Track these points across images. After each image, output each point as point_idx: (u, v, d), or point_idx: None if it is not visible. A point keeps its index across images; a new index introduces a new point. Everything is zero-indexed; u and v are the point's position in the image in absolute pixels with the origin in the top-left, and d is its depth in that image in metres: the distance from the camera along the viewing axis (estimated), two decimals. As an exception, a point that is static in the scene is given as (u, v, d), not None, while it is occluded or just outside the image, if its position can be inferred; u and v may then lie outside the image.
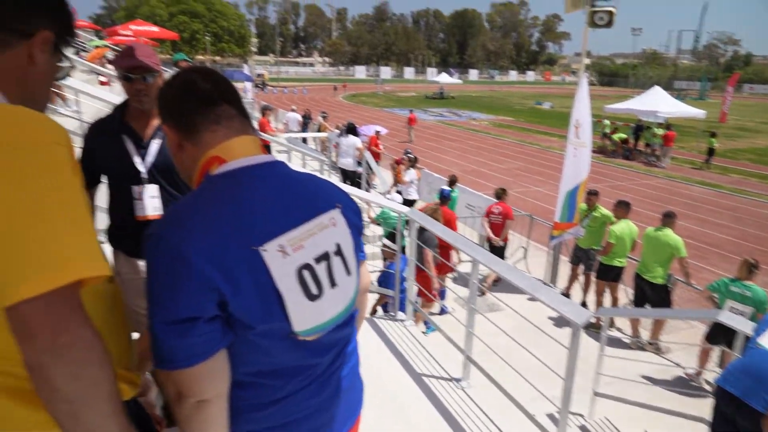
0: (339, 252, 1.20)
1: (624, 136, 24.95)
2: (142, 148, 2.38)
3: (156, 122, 2.44)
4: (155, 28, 25.99)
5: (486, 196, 11.88)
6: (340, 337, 1.25)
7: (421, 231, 5.20)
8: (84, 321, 0.85)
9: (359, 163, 12.50)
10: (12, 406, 0.89)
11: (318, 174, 1.33)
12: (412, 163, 12.37)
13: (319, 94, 56.66)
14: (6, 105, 0.92)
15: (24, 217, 0.80)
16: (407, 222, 5.17)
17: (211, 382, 1.02)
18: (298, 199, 1.16)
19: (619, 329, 7.92)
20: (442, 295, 7.15)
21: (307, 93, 54.90)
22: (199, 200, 1.07)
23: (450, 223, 7.56)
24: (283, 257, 1.07)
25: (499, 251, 9.02)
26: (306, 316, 1.11)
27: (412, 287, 5.13)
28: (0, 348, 0.86)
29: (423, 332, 5.26)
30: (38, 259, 0.79)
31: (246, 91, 23.42)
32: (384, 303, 6.54)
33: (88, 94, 5.67)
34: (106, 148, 2.36)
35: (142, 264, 2.50)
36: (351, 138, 12.59)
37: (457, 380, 4.04)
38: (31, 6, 1.00)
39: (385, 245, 6.71)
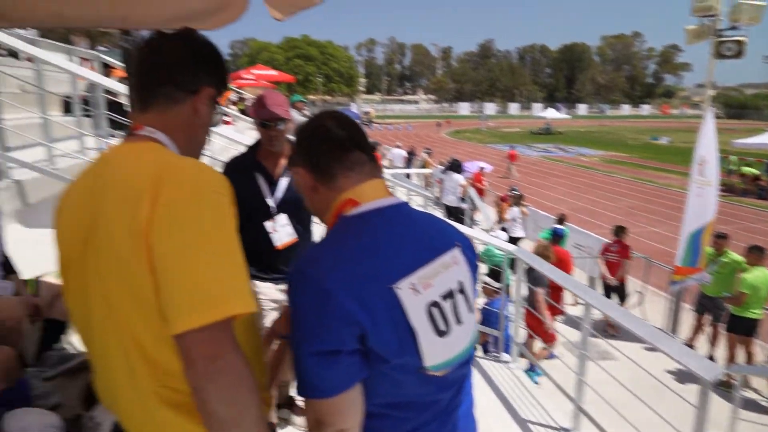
0: (462, 290, 1.24)
1: (756, 171, 22.61)
2: (273, 185, 2.62)
3: (284, 161, 2.69)
4: (274, 72, 28.15)
5: (596, 235, 11.28)
6: (461, 374, 1.27)
7: (532, 270, 5.06)
8: (235, 350, 0.95)
9: (462, 200, 12.46)
10: (173, 417, 1.02)
11: (422, 210, 1.39)
12: (518, 200, 12.10)
13: (423, 130, 57.60)
14: (179, 157, 1.07)
15: (195, 259, 0.93)
16: (513, 260, 5.06)
17: (349, 412, 1.08)
18: (425, 238, 1.22)
19: (755, 390, 7.03)
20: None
21: (412, 129, 56.03)
22: (338, 240, 1.15)
23: (565, 263, 7.27)
24: (414, 295, 1.11)
25: (617, 292, 8.52)
26: (436, 352, 1.15)
27: (518, 328, 4.97)
28: (166, 367, 1.00)
29: (529, 376, 5.05)
30: (202, 296, 0.91)
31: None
32: (484, 342, 6.37)
33: (216, 133, 6.27)
34: (241, 185, 2.61)
35: (262, 285, 2.73)
36: (454, 175, 12.64)
37: (567, 431, 3.81)
38: (199, 67, 1.17)
39: (486, 283, 6.58)
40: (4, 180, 4.30)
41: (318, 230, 2.92)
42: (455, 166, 12.95)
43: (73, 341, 3.22)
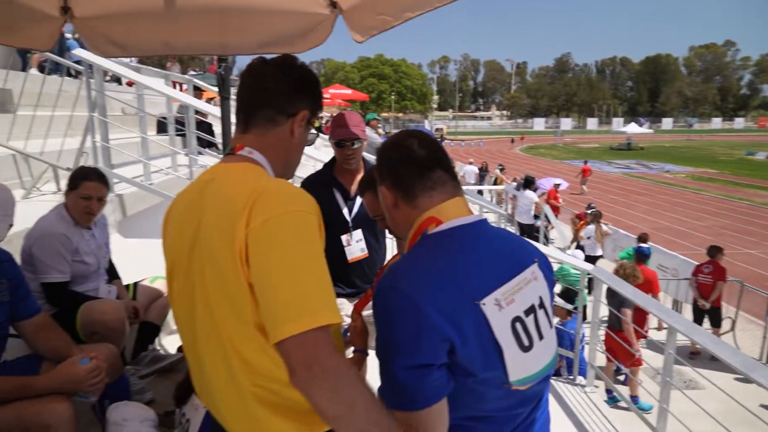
0: (542, 305, 1.26)
1: None
2: (350, 201, 2.72)
3: (359, 176, 2.79)
4: (348, 91, 28.96)
5: (682, 256, 10.62)
6: (540, 389, 1.28)
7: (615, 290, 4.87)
8: (331, 352, 0.99)
9: (536, 217, 12.16)
10: (268, 415, 1.11)
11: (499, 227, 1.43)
12: (596, 218, 11.63)
13: (496, 146, 56.84)
14: (273, 180, 1.16)
15: (288, 274, 1.00)
16: (590, 280, 4.89)
17: (437, 424, 1.12)
18: (505, 255, 1.25)
19: None
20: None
21: (483, 145, 55.48)
22: (424, 258, 1.17)
23: (653, 284, 6.92)
24: (499, 310, 1.14)
25: (710, 316, 8.00)
26: (520, 367, 1.17)
27: (594, 350, 4.78)
28: (259, 369, 1.09)
29: (605, 401, 4.83)
30: (296, 308, 0.98)
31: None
32: (558, 365, 6.16)
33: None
34: (319, 200, 2.75)
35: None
36: (527, 192, 12.37)
37: (648, 462, 3.61)
38: (298, 92, 1.26)
39: (556, 304, 6.37)
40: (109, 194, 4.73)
41: (390, 245, 3.00)
42: (528, 183, 12.67)
43: (164, 344, 3.48)
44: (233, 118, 1.54)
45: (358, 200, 2.74)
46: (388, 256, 2.94)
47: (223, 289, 1.08)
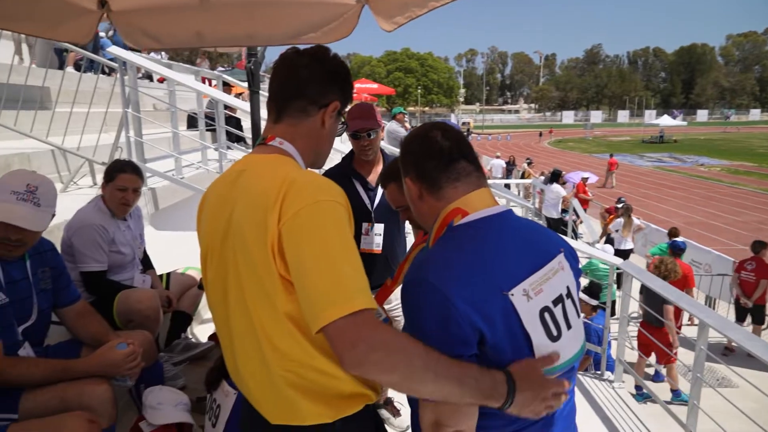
0: (569, 294, 1.26)
1: None
2: (371, 191, 2.74)
3: (380, 168, 2.79)
4: (375, 85, 28.94)
5: (716, 252, 10.36)
6: (568, 378, 1.28)
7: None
8: (374, 327, 1.01)
9: (564, 211, 11.99)
10: (298, 398, 1.15)
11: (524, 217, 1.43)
12: (627, 211, 11.40)
13: (523, 140, 56.14)
14: (303, 172, 1.19)
15: (325, 261, 1.03)
16: (619, 275, 4.81)
17: (468, 414, 1.14)
18: (532, 245, 1.24)
19: None
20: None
21: (510, 139, 54.81)
22: (451, 249, 1.18)
23: (687, 278, 6.78)
24: (527, 301, 1.15)
25: (753, 314, 7.80)
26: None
27: (623, 346, 4.71)
28: (289, 354, 1.13)
29: (634, 396, 4.76)
30: (333, 294, 1.01)
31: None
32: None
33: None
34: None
35: None
36: (555, 186, 12.20)
37: (677, 459, 3.56)
38: (330, 83, 1.28)
39: (581, 299, 6.28)
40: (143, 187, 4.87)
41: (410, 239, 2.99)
42: (555, 177, 12.50)
43: (196, 332, 3.58)
44: (263, 113, 1.56)
45: (380, 191, 2.75)
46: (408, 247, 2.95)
47: (256, 279, 1.11)
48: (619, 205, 11.78)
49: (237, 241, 1.15)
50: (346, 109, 1.37)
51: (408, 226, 2.99)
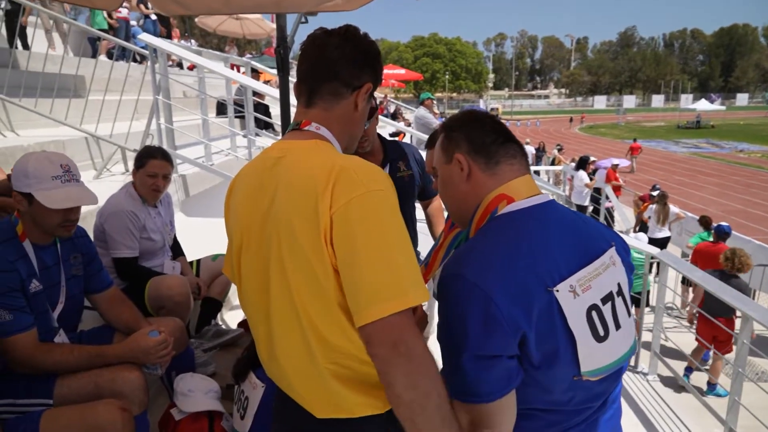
0: (620, 292, 1.19)
1: None
2: None
3: (381, 157, 2.61)
4: (402, 71, 28.71)
5: (757, 241, 10.00)
6: (612, 381, 1.21)
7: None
8: (417, 335, 0.99)
9: (596, 200, 11.73)
10: (345, 391, 1.11)
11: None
12: (663, 198, 11.07)
13: (553, 126, 55.06)
14: (347, 157, 1.13)
15: (377, 254, 0.99)
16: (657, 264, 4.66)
17: (505, 416, 1.08)
18: (581, 238, 1.17)
19: None
20: (705, 354, 6.12)
21: (540, 125, 53.85)
22: (494, 241, 1.12)
23: None
24: (573, 298, 1.07)
25: None
26: (593, 358, 1.12)
27: (658, 338, 4.58)
28: (336, 346, 1.09)
29: (705, 392, 4.64)
30: (386, 288, 0.98)
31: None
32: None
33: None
34: None
35: None
36: (581, 173, 11.93)
37: (715, 455, 3.45)
38: (363, 64, 1.22)
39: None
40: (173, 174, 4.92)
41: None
42: (582, 163, 12.20)
43: (226, 318, 3.61)
44: (293, 100, 1.51)
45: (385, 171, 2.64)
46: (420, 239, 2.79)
47: (306, 271, 1.07)
48: (654, 193, 11.44)
49: (281, 229, 1.10)
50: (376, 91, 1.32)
51: (420, 215, 2.87)
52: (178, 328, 2.23)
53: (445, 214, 2.02)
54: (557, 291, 1.07)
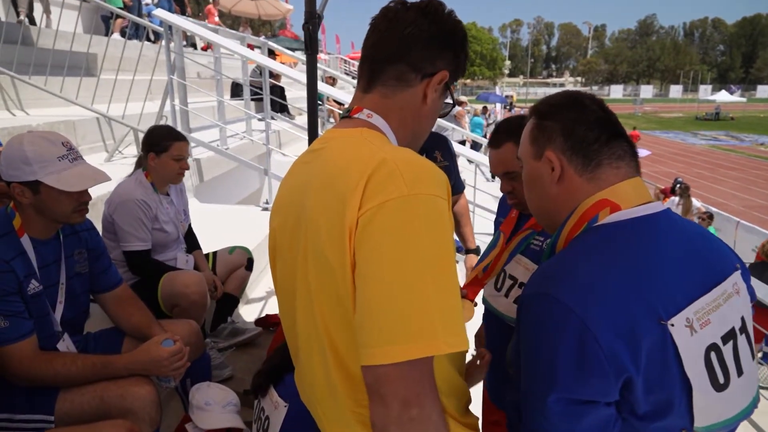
0: (744, 328, 0.95)
1: None
2: None
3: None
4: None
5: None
6: None
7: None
8: (434, 397, 0.80)
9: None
10: None
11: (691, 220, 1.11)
12: (685, 191, 10.73)
13: (569, 115, 54.08)
14: (396, 149, 0.90)
15: (402, 278, 0.77)
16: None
17: None
18: (701, 259, 0.94)
19: None
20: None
21: (556, 114, 52.89)
22: (597, 258, 0.90)
23: None
24: (690, 335, 0.86)
25: None
26: (710, 410, 0.89)
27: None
28: (362, 382, 0.85)
29: None
30: (406, 326, 0.76)
31: (494, 112, 23.72)
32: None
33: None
34: None
35: None
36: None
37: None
38: (441, 47, 0.98)
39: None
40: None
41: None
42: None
43: (242, 314, 3.42)
44: (320, 85, 1.28)
45: None
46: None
47: (326, 283, 0.86)
48: (677, 186, 11.12)
49: (310, 235, 0.89)
50: (456, 84, 1.05)
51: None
52: (194, 332, 2.03)
53: (472, 212, 1.82)
54: (672, 325, 0.84)
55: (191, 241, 2.84)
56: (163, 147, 2.51)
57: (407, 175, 0.81)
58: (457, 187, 2.64)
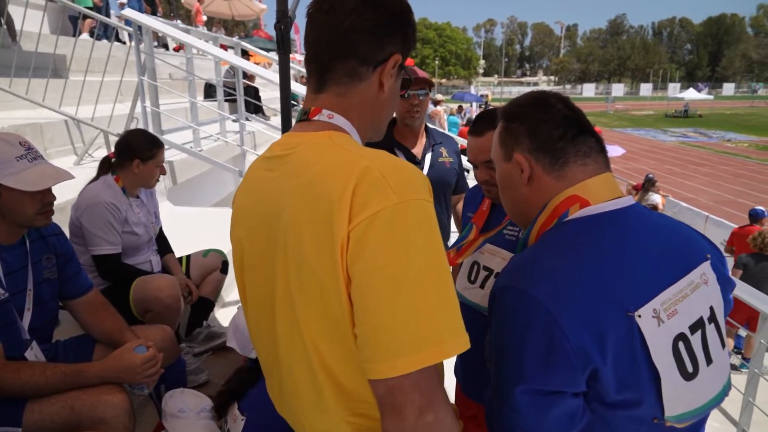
0: (713, 317, 0.98)
1: None
2: (416, 164, 2.45)
3: (424, 140, 2.51)
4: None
5: (752, 232, 9.92)
6: (697, 426, 1.00)
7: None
8: (446, 401, 0.79)
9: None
10: None
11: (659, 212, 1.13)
12: (648, 184, 10.91)
13: (543, 113, 54.81)
14: (375, 154, 0.86)
15: (405, 288, 0.75)
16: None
17: None
18: (669, 251, 0.96)
19: None
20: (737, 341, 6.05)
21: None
22: (566, 253, 0.91)
23: None
24: (657, 325, 0.88)
25: None
26: (679, 399, 0.91)
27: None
28: (358, 394, 0.86)
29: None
30: (415, 335, 0.75)
31: (469, 111, 23.89)
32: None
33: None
34: None
35: None
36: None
37: (729, 459, 3.31)
38: (388, 31, 0.93)
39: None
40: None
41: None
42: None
43: (218, 318, 3.37)
44: (294, 85, 1.27)
45: (427, 162, 2.47)
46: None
47: (317, 299, 0.83)
48: (648, 178, 11.35)
49: (291, 245, 0.85)
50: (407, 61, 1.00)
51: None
52: (168, 337, 1.99)
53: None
54: (639, 316, 0.86)
55: (163, 245, 2.79)
56: (150, 154, 2.49)
57: (393, 183, 0.79)
58: (462, 186, 2.69)
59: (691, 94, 52.58)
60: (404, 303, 0.75)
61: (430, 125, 2.68)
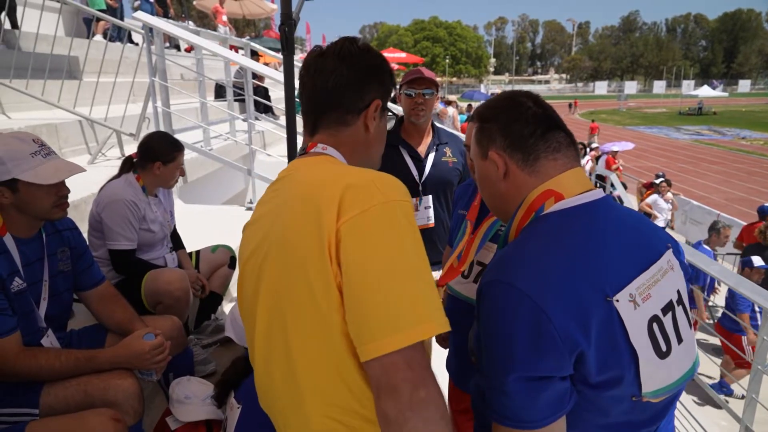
0: (680, 300, 1.05)
1: None
2: (420, 162, 2.53)
3: (429, 139, 2.59)
4: (403, 54, 28.40)
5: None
6: (671, 401, 1.07)
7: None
8: (435, 379, 0.85)
9: (600, 187, 11.58)
10: None
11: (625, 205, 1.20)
12: (661, 186, 10.87)
13: (554, 111, 54.48)
14: (360, 168, 1.00)
15: (391, 275, 0.85)
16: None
17: None
18: (638, 240, 1.03)
19: None
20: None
21: (541, 111, 53.25)
22: (546, 245, 0.98)
23: None
24: (634, 308, 0.94)
25: None
26: (656, 376, 0.98)
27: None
28: (332, 393, 0.93)
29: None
30: (401, 316, 0.83)
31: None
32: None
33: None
34: (387, 160, 2.59)
35: None
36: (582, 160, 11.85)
37: (732, 455, 3.33)
38: (366, 84, 1.09)
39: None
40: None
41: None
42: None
43: (226, 312, 3.47)
44: (297, 83, 1.37)
45: (429, 161, 2.54)
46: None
47: (304, 298, 0.91)
48: (657, 181, 11.29)
49: (273, 247, 0.97)
50: (389, 103, 1.16)
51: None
52: (176, 327, 2.08)
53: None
54: (617, 301, 0.93)
55: (175, 241, 2.89)
56: (171, 158, 2.61)
57: (380, 186, 0.92)
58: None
59: (705, 91, 51.97)
60: (396, 288, 0.84)
61: (438, 125, 2.75)
